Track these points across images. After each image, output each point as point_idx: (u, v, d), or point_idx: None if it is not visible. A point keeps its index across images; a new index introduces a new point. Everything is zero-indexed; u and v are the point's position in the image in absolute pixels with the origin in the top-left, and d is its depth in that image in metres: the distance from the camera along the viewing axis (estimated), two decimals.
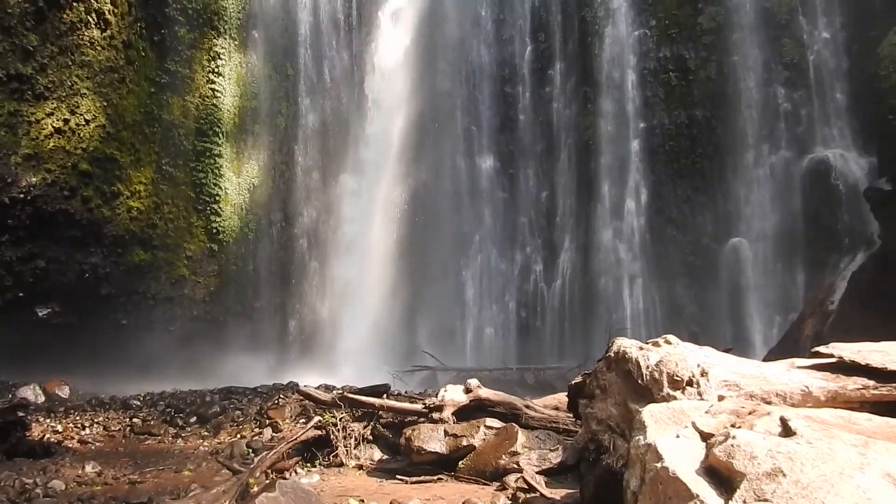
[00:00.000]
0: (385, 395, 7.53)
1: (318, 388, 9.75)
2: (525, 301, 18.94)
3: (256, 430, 9.03)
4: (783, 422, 2.49)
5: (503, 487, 5.20)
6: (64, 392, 11.97)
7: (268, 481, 5.32)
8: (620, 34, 18.10)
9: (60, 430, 9.28)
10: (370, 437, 6.82)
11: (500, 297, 19.21)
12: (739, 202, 16.28)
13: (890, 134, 12.63)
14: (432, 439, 6.06)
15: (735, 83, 16.67)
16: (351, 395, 7.29)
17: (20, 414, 8.12)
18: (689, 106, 17.25)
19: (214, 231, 16.25)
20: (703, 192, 16.82)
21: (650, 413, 2.95)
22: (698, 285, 16.68)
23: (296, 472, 6.26)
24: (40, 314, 13.14)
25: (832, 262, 14.57)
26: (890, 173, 12.83)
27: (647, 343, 3.89)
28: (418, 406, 6.65)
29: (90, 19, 13.09)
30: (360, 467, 6.40)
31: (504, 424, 6.04)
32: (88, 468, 7.20)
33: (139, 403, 11.16)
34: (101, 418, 10.12)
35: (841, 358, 3.44)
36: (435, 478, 5.75)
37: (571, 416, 5.56)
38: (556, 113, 19.26)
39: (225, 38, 16.53)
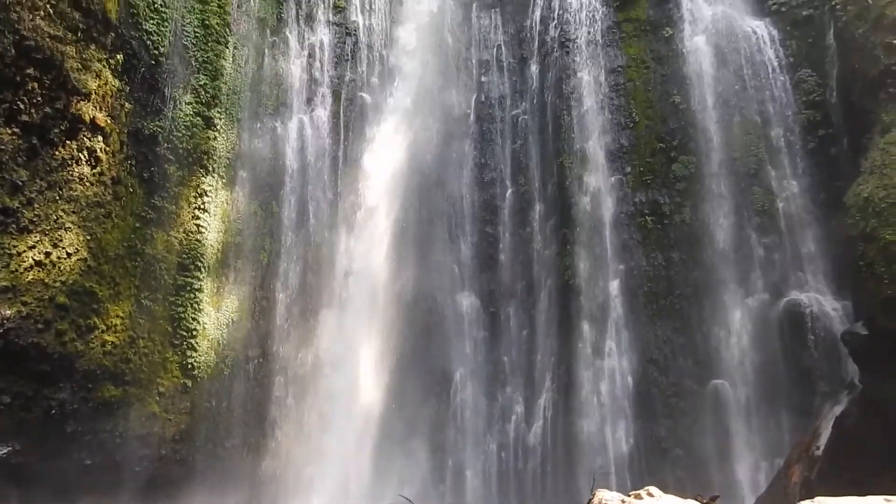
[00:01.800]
0: None
1: None
2: (506, 442, 18.44)
3: None
4: None
5: None
6: None
7: None
8: (597, 179, 18.75)
9: None
10: None
11: (481, 438, 18.70)
12: (719, 344, 16.31)
13: (862, 280, 12.90)
14: None
15: (709, 228, 17.16)
16: None
17: None
18: (666, 249, 17.64)
19: (189, 367, 15.93)
20: (683, 334, 16.88)
21: None
22: (682, 428, 16.38)
23: None
24: None
25: (816, 406, 14.47)
26: (865, 318, 13.01)
27: (629, 496, 3.75)
28: None
29: (82, 156, 13.43)
30: None
31: None
32: None
33: None
34: None
35: None
36: None
37: None
38: (535, 253, 19.56)
39: (213, 177, 16.96)
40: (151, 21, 15.36)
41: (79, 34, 12.99)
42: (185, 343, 15.99)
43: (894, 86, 14.08)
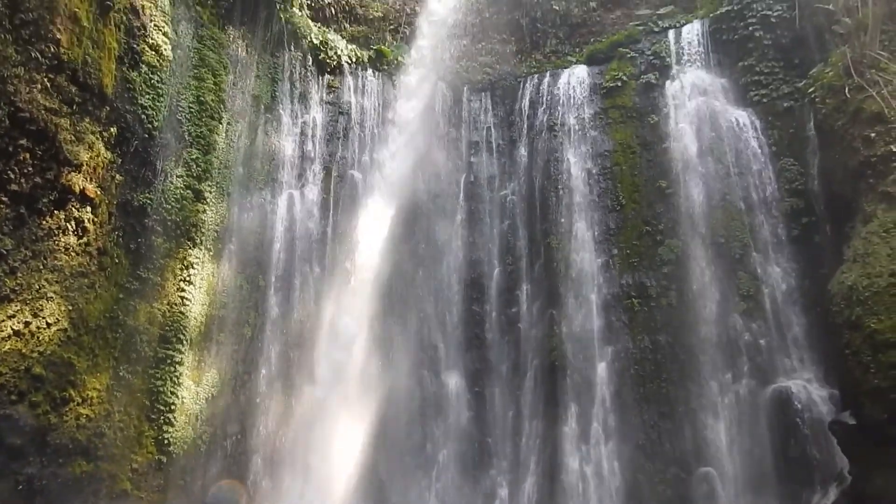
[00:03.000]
0: None
1: None
2: None
3: None
4: None
5: None
6: None
7: None
8: (584, 260, 18.86)
9: None
10: None
11: None
12: (706, 431, 16.08)
13: (848, 368, 12.85)
14: None
15: (695, 312, 17.16)
16: None
17: None
18: (653, 331, 17.60)
19: (165, 442, 15.49)
20: (670, 419, 16.66)
21: None
22: None
23: None
24: None
25: (805, 498, 14.20)
26: (853, 407, 12.90)
27: None
28: None
29: (69, 226, 13.39)
30: None
31: None
32: None
33: None
34: None
35: None
36: None
37: None
38: (522, 333, 19.48)
39: (200, 249, 16.91)
40: (147, 96, 15.59)
41: (74, 107, 13.13)
42: (162, 417, 15.59)
43: (874, 176, 14.39)
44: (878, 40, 15.60)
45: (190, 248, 16.70)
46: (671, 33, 20.90)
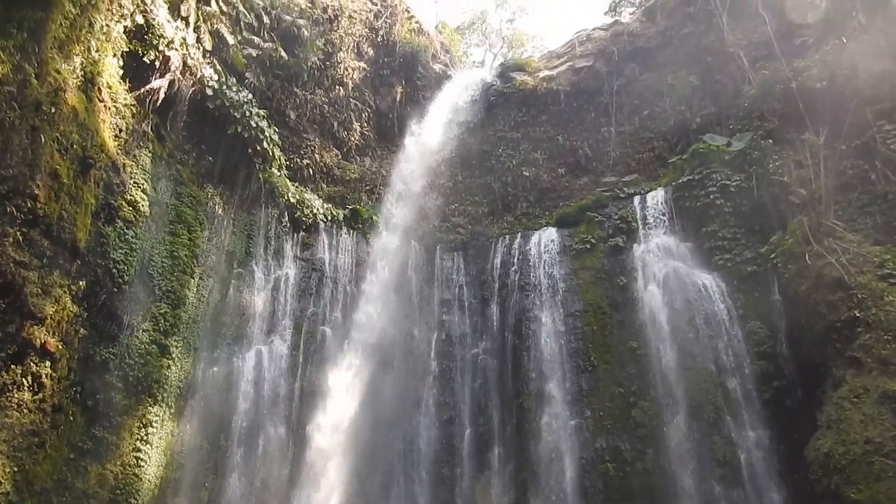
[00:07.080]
0: None
1: None
2: None
3: None
4: None
5: None
6: None
7: None
8: (557, 422, 18.41)
9: None
10: None
11: None
12: None
13: None
14: None
15: (672, 477, 16.59)
16: None
17: None
18: (629, 498, 16.91)
19: None
20: None
21: None
22: None
23: None
24: None
25: None
26: None
27: None
28: None
29: (25, 382, 12.88)
30: None
31: None
32: None
33: None
34: None
35: None
36: None
37: None
38: (495, 498, 18.65)
39: (161, 406, 16.31)
40: (120, 251, 15.59)
41: (44, 260, 13.04)
42: None
43: (840, 341, 14.52)
44: (833, 210, 16.34)
45: (150, 405, 16.10)
46: (637, 199, 21.75)
